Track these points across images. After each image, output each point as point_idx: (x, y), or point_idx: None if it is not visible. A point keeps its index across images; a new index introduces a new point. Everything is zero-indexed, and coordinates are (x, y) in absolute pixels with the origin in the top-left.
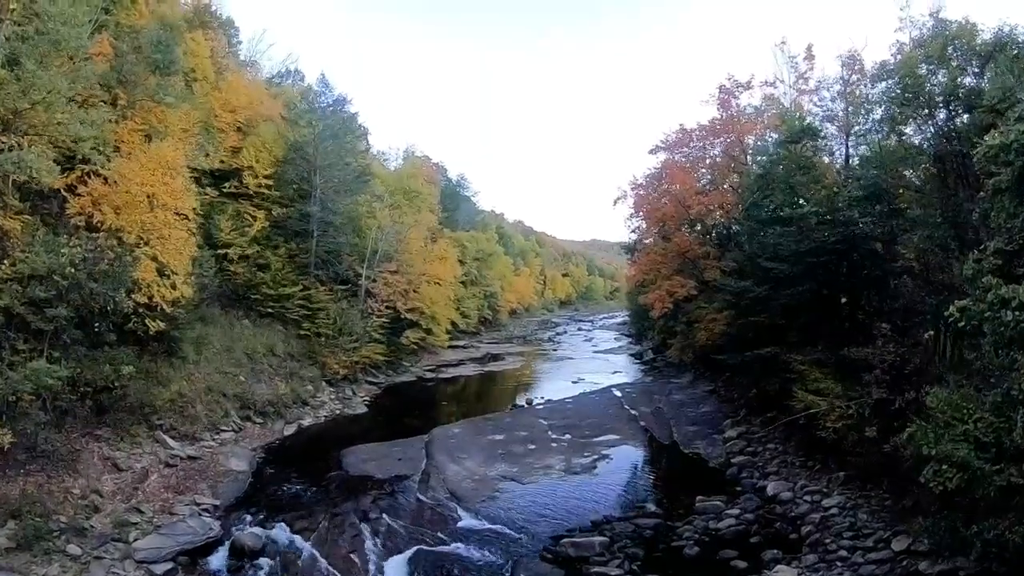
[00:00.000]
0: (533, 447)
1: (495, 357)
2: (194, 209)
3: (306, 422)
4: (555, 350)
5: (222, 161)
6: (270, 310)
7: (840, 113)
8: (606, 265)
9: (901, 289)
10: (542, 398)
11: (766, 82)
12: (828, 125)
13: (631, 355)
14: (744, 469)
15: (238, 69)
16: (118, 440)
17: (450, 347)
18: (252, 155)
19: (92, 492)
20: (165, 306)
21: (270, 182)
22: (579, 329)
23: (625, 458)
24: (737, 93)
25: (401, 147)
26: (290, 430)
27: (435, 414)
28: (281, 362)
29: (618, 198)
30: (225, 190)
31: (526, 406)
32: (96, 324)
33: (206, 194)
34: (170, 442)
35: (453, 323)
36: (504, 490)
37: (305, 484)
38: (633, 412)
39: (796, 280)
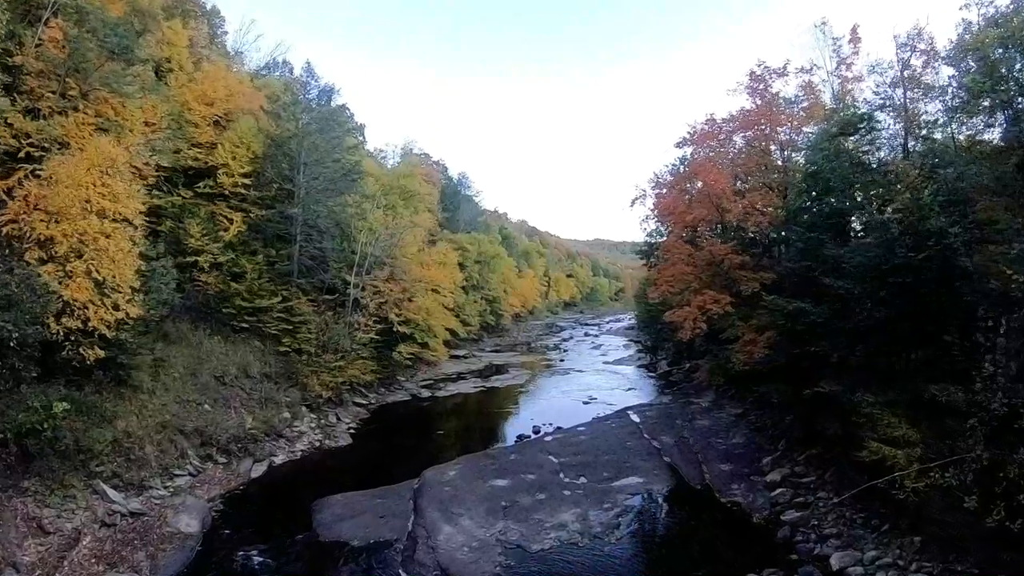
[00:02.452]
0: (543, 497)
1: (498, 369)
2: (142, 213)
3: (279, 459)
4: (562, 360)
5: (196, 159)
6: (245, 324)
7: (898, 101)
8: (610, 265)
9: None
10: (550, 425)
11: (802, 68)
12: (880, 115)
13: (644, 367)
14: (798, 530)
15: (220, 60)
16: (47, 493)
17: (450, 357)
18: (228, 151)
19: (7, 566)
20: (104, 330)
21: (248, 181)
22: (586, 334)
23: (652, 511)
24: (770, 80)
25: (399, 144)
26: (259, 470)
27: (429, 446)
28: (256, 384)
29: (636, 198)
30: (200, 191)
31: (533, 436)
32: (10, 359)
33: (179, 195)
34: (111, 493)
35: (453, 332)
36: (508, 563)
37: (265, 552)
38: (655, 443)
39: (871, 302)
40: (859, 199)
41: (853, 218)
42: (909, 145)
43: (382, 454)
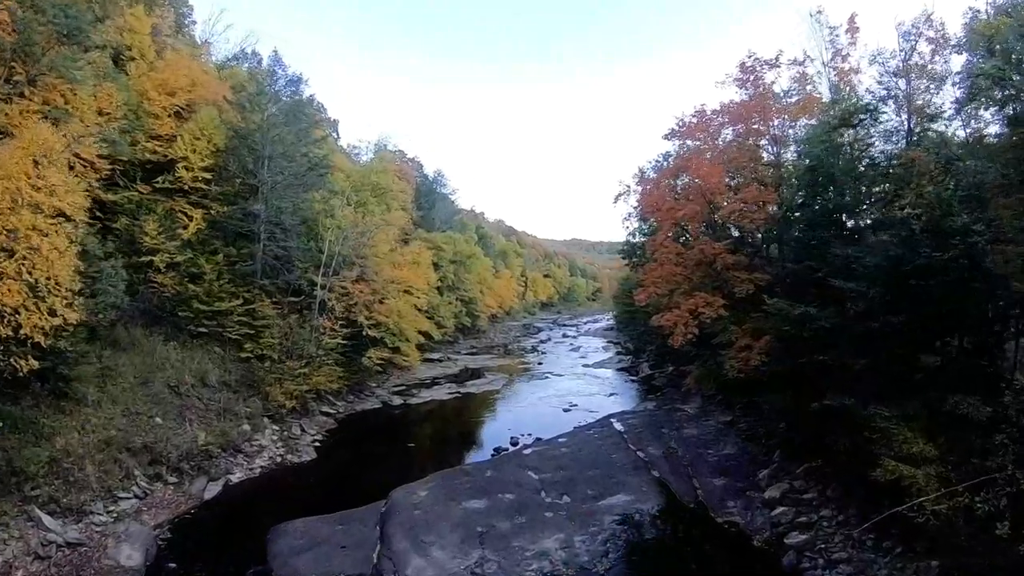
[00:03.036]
0: (523, 520)
1: (474, 373)
2: (88, 208)
3: (237, 476)
4: (540, 363)
5: (155, 152)
6: (203, 329)
7: (901, 92)
8: (588, 265)
9: None
10: (529, 435)
11: (795, 60)
12: (881, 106)
13: (624, 370)
14: (804, 555)
15: (186, 49)
16: None
17: (424, 360)
18: (187, 144)
19: None
20: (39, 338)
21: (208, 176)
22: (564, 336)
23: (643, 535)
24: (761, 72)
25: (373, 140)
26: (213, 490)
27: (400, 460)
28: (214, 394)
29: (620, 194)
30: (159, 185)
31: (511, 448)
32: None
33: (136, 190)
34: (46, 521)
35: (427, 334)
36: None
37: None
38: (642, 455)
39: (885, 307)
40: (862, 194)
41: (853, 214)
42: (913, 138)
43: (349, 470)
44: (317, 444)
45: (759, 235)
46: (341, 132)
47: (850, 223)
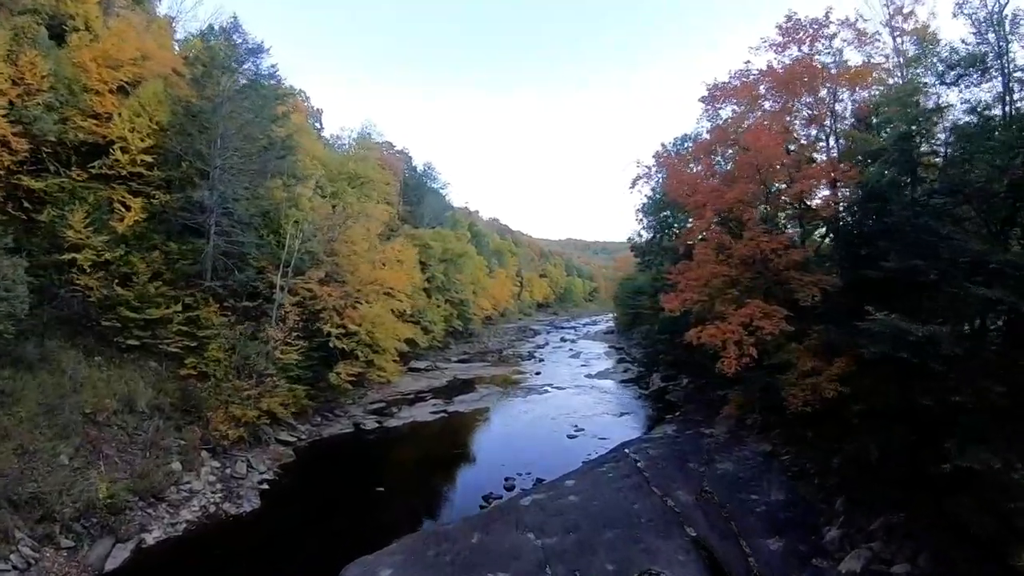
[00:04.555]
0: None
1: (464, 385)
2: None
3: (153, 535)
4: (538, 372)
5: (91, 132)
6: (135, 342)
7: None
8: (584, 265)
9: None
10: (528, 475)
11: (846, 21)
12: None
13: (631, 382)
14: None
15: (140, 20)
16: None
17: (410, 371)
18: (125, 122)
19: None
20: None
21: (149, 158)
22: (562, 339)
23: None
24: (804, 35)
25: (356, 129)
26: (119, 557)
27: (364, 510)
28: (142, 422)
29: (638, 177)
30: (95, 171)
31: (505, 494)
32: None
33: (69, 176)
34: None
35: (412, 341)
36: None
37: None
38: (670, 503)
39: None
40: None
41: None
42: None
43: (297, 526)
44: (265, 486)
45: (819, 227)
46: (324, 123)
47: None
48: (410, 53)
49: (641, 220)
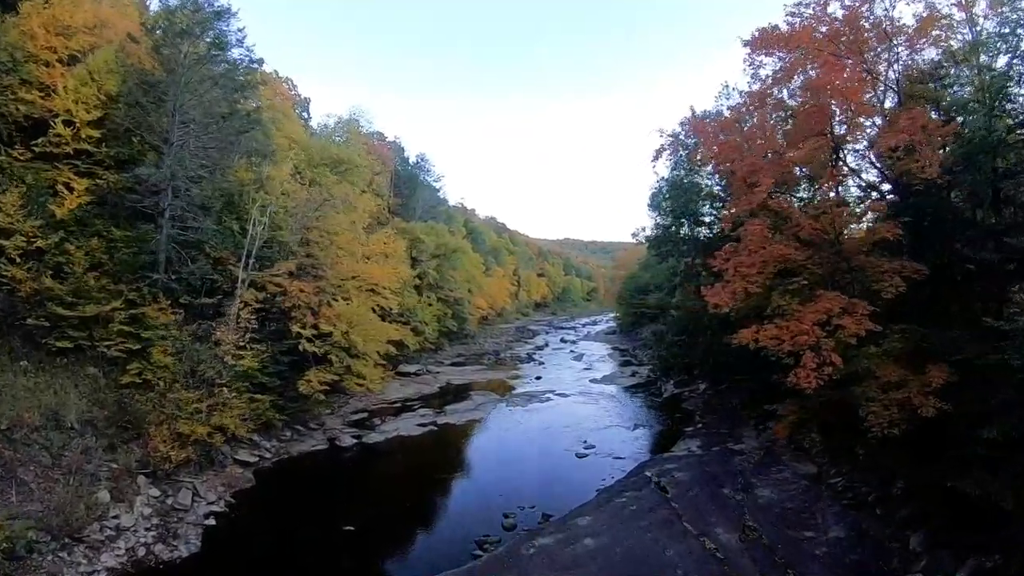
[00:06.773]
0: None
1: (457, 392)
2: None
3: None
4: (539, 377)
5: (33, 103)
6: (68, 344)
7: None
8: (582, 264)
9: None
10: (532, 508)
11: None
12: None
13: (641, 387)
14: None
15: None
16: None
17: (398, 374)
18: (70, 92)
19: None
20: None
21: (96, 134)
22: (562, 340)
23: None
24: None
25: (344, 115)
26: None
27: (329, 560)
28: (70, 440)
29: (662, 148)
30: (38, 150)
31: (504, 538)
32: None
33: (9, 154)
34: None
35: (400, 344)
36: None
37: None
38: (708, 544)
39: None
40: None
41: None
42: None
43: (249, 570)
44: (211, 521)
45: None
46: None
47: None
48: (409, 53)
49: (657, 207)
